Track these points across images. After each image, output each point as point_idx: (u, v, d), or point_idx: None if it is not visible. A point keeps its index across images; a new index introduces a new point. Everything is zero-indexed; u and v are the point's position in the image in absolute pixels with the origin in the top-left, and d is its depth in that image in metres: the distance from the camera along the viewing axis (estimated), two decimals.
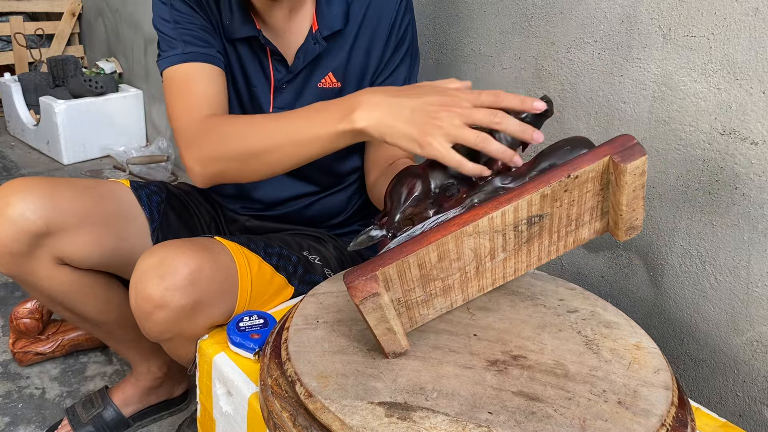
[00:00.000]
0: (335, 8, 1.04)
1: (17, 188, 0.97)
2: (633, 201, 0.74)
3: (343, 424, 0.64)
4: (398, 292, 0.74)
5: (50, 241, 0.98)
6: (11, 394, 1.36)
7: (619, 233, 0.77)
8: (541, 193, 0.72)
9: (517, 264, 0.79)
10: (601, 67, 1.07)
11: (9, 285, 1.75)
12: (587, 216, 0.77)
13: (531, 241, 0.77)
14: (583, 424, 0.65)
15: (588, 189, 0.75)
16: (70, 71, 2.69)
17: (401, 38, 1.09)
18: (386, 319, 0.71)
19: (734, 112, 0.91)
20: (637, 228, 0.77)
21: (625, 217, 0.75)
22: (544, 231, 0.76)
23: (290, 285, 1.09)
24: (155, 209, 1.13)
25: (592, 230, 0.79)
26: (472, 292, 0.79)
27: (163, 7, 1.05)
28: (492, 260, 0.76)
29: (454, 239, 0.72)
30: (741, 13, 0.88)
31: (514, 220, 0.73)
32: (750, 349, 0.96)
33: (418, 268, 0.72)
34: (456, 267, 0.75)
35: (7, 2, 3.04)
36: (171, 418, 1.31)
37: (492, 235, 0.74)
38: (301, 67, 1.05)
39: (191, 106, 0.96)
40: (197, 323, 0.90)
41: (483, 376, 0.72)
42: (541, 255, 0.79)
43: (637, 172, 0.71)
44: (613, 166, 0.72)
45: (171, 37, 1.01)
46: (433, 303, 0.77)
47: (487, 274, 0.78)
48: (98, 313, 1.10)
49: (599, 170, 0.73)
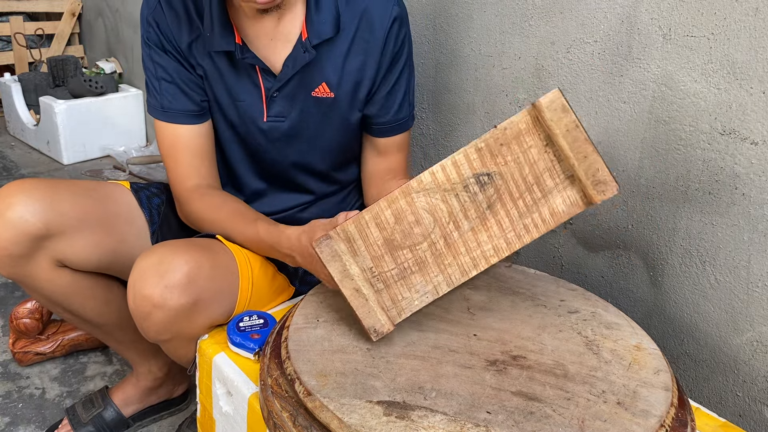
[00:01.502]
0: (324, 15, 1.01)
1: (17, 190, 0.96)
2: (576, 145, 0.73)
3: (342, 422, 0.64)
4: (366, 258, 0.76)
5: (50, 244, 0.98)
6: (11, 394, 1.36)
7: (589, 191, 0.74)
8: (475, 146, 0.75)
9: (494, 241, 0.77)
10: (601, 67, 1.07)
11: (9, 285, 1.75)
12: (548, 179, 0.75)
13: (494, 209, 0.76)
14: (581, 424, 0.65)
15: (529, 144, 0.75)
16: (70, 71, 2.69)
17: (398, 52, 1.07)
18: (350, 274, 0.74)
19: (734, 112, 0.91)
20: (606, 182, 0.74)
21: (579, 166, 0.73)
22: (504, 196, 0.76)
23: (291, 285, 1.09)
24: (155, 211, 1.13)
25: (567, 199, 0.76)
26: (454, 273, 0.77)
27: (145, 51, 1.07)
28: (458, 230, 0.76)
29: (403, 195, 0.76)
30: (741, 13, 0.88)
31: (459, 176, 0.75)
32: (750, 349, 0.96)
33: (377, 227, 0.76)
34: (419, 234, 0.76)
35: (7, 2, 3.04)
36: (171, 418, 1.31)
37: (443, 195, 0.76)
38: (289, 75, 1.03)
39: (180, 175, 1.07)
40: (196, 323, 0.90)
41: (482, 375, 0.72)
42: (518, 230, 0.77)
43: (553, 107, 0.72)
44: (534, 111, 0.73)
45: (153, 86, 1.07)
46: (412, 282, 0.77)
47: (461, 249, 0.77)
48: (98, 314, 1.10)
49: (528, 122, 0.74)
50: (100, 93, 2.63)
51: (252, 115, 1.07)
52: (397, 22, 1.05)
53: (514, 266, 0.99)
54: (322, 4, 1.01)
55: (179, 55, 1.05)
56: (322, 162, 1.13)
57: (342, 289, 0.75)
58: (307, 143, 1.11)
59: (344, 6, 1.03)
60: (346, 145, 1.14)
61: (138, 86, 2.82)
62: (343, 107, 1.08)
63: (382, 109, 1.10)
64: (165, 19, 1.03)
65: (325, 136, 1.11)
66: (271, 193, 1.18)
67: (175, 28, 1.03)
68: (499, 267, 0.99)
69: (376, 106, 1.10)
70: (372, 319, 0.75)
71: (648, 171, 1.04)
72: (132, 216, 1.09)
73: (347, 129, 1.12)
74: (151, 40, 1.05)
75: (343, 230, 0.76)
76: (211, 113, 1.10)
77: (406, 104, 1.12)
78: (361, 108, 1.10)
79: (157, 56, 1.05)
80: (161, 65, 1.05)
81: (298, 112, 1.07)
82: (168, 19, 1.03)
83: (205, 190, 1.06)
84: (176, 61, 1.05)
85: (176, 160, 1.07)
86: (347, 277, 0.75)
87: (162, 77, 1.06)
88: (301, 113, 1.07)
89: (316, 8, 1.01)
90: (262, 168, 1.14)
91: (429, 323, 0.82)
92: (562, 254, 1.22)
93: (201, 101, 1.07)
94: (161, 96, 1.06)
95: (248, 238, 0.98)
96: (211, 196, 1.05)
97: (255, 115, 1.07)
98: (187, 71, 1.05)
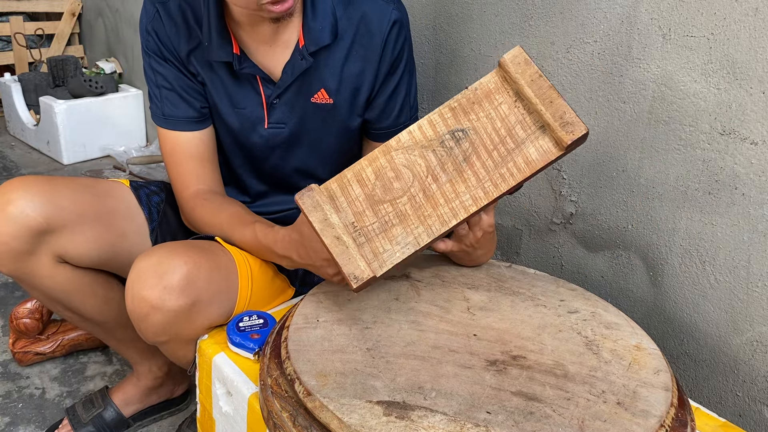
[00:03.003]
0: (321, 22, 1.01)
1: (17, 186, 0.97)
2: (541, 92, 0.77)
3: (341, 422, 0.64)
4: (348, 213, 0.79)
5: (50, 239, 0.98)
6: (11, 394, 1.36)
7: (558, 133, 0.77)
8: (448, 106, 0.81)
9: (472, 191, 0.79)
10: (601, 67, 1.07)
11: (9, 285, 1.75)
12: (521, 131, 0.79)
13: (470, 161, 0.79)
14: (581, 424, 0.65)
15: (499, 101, 0.80)
16: (70, 71, 2.69)
17: (397, 57, 1.07)
18: (331, 223, 0.76)
19: (734, 112, 0.91)
20: (573, 123, 0.77)
21: (546, 110, 0.77)
22: (479, 148, 0.80)
23: (291, 286, 1.09)
24: (154, 209, 1.13)
25: (540, 148, 0.79)
26: (434, 224, 0.79)
27: (145, 59, 1.08)
28: (436, 182, 0.80)
29: (383, 153, 0.81)
30: (741, 13, 0.88)
31: (435, 133, 0.80)
32: (750, 349, 0.96)
33: (358, 184, 0.80)
34: (399, 188, 0.79)
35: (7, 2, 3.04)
36: (171, 418, 1.31)
37: (421, 151, 0.80)
38: (288, 82, 1.03)
39: (182, 181, 1.08)
40: (194, 324, 0.90)
41: (482, 375, 0.72)
42: (494, 179, 0.79)
43: (517, 61, 0.78)
44: (501, 70, 0.79)
45: (153, 94, 1.08)
46: (393, 234, 0.79)
47: (440, 201, 0.79)
48: (98, 312, 1.10)
49: (496, 81, 0.80)
50: (100, 93, 2.63)
51: (253, 122, 1.08)
52: (396, 27, 1.04)
53: (514, 266, 1.00)
54: (318, 10, 1.01)
55: (179, 63, 1.05)
56: (323, 167, 1.14)
57: (322, 238, 0.77)
58: (308, 149, 1.11)
59: (342, 12, 1.03)
60: (346, 150, 1.14)
61: (138, 86, 2.82)
62: (343, 113, 1.08)
63: (382, 114, 1.10)
64: (164, 28, 1.03)
65: (325, 141, 1.11)
66: (274, 194, 1.18)
67: (174, 37, 1.03)
68: (499, 267, 0.99)
69: (376, 111, 1.10)
70: (352, 266, 0.76)
71: (648, 171, 1.04)
72: (131, 213, 1.10)
73: (347, 134, 1.12)
74: (150, 48, 1.05)
75: (326, 188, 0.80)
76: (212, 119, 1.10)
77: (407, 108, 1.12)
78: (361, 113, 1.10)
79: (157, 65, 1.06)
80: (161, 73, 1.06)
81: (298, 119, 1.07)
82: (167, 28, 1.03)
83: (206, 195, 1.06)
84: (176, 69, 1.05)
85: (178, 166, 1.07)
86: (328, 226, 0.77)
87: (162, 85, 1.06)
88: (301, 119, 1.07)
89: (313, 15, 1.01)
90: (263, 173, 1.15)
91: (429, 323, 0.82)
92: (562, 254, 1.22)
93: (201, 108, 1.07)
94: (162, 103, 1.06)
95: (246, 242, 0.99)
96: (211, 201, 1.05)
97: (256, 122, 1.08)
98: (187, 79, 1.06)
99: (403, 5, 1.07)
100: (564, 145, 0.77)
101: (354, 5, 1.03)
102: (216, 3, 0.99)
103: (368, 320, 0.82)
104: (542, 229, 1.24)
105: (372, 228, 0.79)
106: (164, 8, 1.03)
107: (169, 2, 1.03)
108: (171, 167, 1.08)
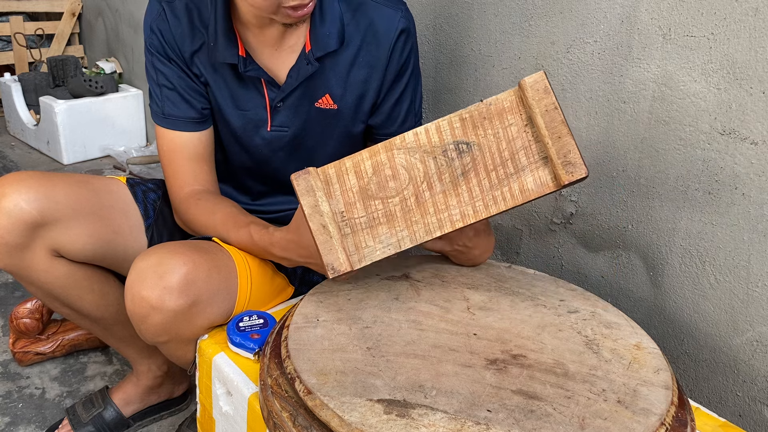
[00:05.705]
0: (329, 28, 1.01)
1: (11, 180, 0.97)
2: (552, 125, 0.76)
3: (342, 420, 0.64)
4: (339, 202, 0.80)
5: (45, 232, 0.98)
6: (11, 394, 1.36)
7: (558, 170, 0.77)
8: (459, 116, 0.80)
9: (462, 206, 0.80)
10: (601, 67, 1.07)
11: (9, 285, 1.75)
12: (523, 158, 0.79)
13: (467, 176, 0.79)
14: (582, 422, 0.65)
15: (510, 122, 0.79)
16: (70, 71, 2.69)
17: (404, 64, 1.07)
18: (320, 210, 0.77)
19: (734, 112, 0.91)
20: (575, 164, 0.76)
21: (552, 145, 0.76)
22: (479, 166, 0.79)
23: (291, 285, 1.09)
24: (150, 206, 1.13)
25: (538, 179, 0.79)
26: (419, 231, 0.80)
27: (147, 57, 1.07)
28: (430, 190, 0.80)
29: (385, 150, 0.81)
30: (741, 13, 0.88)
31: (440, 141, 0.80)
32: (750, 349, 0.96)
33: (355, 175, 0.80)
34: (393, 188, 0.80)
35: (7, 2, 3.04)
36: (171, 418, 1.31)
37: (422, 155, 0.80)
38: (293, 86, 1.03)
39: (178, 181, 1.07)
40: (194, 324, 0.90)
41: (482, 374, 0.72)
42: (486, 200, 0.79)
43: (537, 87, 0.76)
44: (520, 91, 0.78)
45: (154, 93, 1.07)
46: (377, 232, 0.80)
47: (429, 209, 0.80)
48: (96, 308, 1.10)
49: (512, 101, 0.79)
50: (100, 93, 2.63)
51: (255, 124, 1.08)
52: (403, 35, 1.04)
53: (514, 266, 1.00)
54: (327, 16, 1.01)
55: (182, 63, 1.05)
56: None
57: (309, 223, 0.78)
58: (310, 153, 1.11)
59: (350, 18, 1.03)
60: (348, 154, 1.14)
61: (138, 86, 2.82)
62: (347, 119, 1.08)
63: (387, 120, 1.10)
64: (168, 27, 1.03)
65: (327, 146, 1.11)
66: (275, 195, 1.18)
67: (179, 37, 1.03)
68: (499, 267, 0.99)
69: (381, 117, 1.10)
70: (332, 257, 0.77)
71: (648, 171, 1.04)
72: (127, 209, 1.10)
73: (350, 140, 1.12)
74: (153, 47, 1.05)
75: (323, 171, 0.80)
76: (214, 121, 1.10)
77: (411, 115, 1.12)
78: (365, 119, 1.10)
79: (159, 63, 1.05)
80: (163, 72, 1.05)
81: (301, 123, 1.07)
82: (172, 27, 1.03)
83: (201, 195, 1.06)
84: (178, 69, 1.05)
85: (175, 166, 1.07)
86: (317, 213, 0.78)
87: (163, 84, 1.06)
88: (305, 124, 1.08)
89: (321, 20, 1.01)
90: (264, 174, 1.15)
91: (429, 322, 0.82)
92: (562, 254, 1.22)
93: (202, 109, 1.07)
94: (163, 102, 1.06)
95: (242, 243, 0.99)
96: (206, 201, 1.05)
97: (258, 125, 1.08)
98: (189, 79, 1.06)
99: (410, 13, 1.07)
100: (561, 183, 0.77)
101: (362, 12, 1.03)
102: (223, 4, 0.99)
103: (368, 319, 0.82)
104: (542, 229, 1.24)
105: (359, 221, 0.80)
106: (170, 7, 1.03)
107: (175, 1, 1.03)
108: (167, 166, 1.08)
